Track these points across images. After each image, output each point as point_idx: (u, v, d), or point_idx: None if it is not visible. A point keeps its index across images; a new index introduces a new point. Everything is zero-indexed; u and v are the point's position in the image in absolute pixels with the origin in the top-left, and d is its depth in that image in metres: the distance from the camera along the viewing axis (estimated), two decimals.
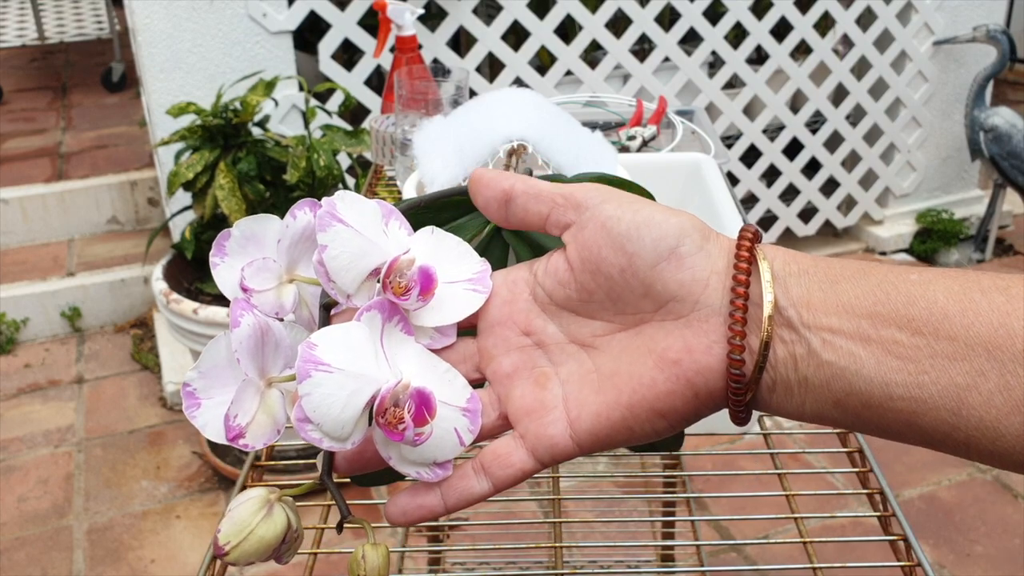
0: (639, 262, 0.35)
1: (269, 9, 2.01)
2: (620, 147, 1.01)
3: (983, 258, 2.77)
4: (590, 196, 0.37)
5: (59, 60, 4.00)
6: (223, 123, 1.76)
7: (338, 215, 0.37)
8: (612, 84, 2.40)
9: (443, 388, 0.37)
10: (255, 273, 0.41)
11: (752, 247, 0.35)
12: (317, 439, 0.35)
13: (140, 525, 1.82)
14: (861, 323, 0.33)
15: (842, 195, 2.77)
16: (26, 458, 2.01)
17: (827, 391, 0.33)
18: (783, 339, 0.34)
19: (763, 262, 0.34)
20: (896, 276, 0.33)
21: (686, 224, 0.36)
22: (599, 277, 0.37)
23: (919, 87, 2.70)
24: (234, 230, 0.42)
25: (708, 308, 0.35)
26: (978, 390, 0.31)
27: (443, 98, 0.92)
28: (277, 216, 0.42)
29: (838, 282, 0.34)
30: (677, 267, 0.35)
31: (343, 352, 0.36)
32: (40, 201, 2.65)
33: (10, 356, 2.37)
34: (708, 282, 0.35)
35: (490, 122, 0.61)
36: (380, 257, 0.38)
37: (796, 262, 0.35)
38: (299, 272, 0.42)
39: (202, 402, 0.38)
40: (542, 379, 0.38)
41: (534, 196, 0.38)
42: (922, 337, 0.32)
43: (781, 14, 2.45)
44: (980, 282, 0.32)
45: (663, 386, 0.35)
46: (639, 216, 0.36)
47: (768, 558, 1.68)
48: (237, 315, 0.38)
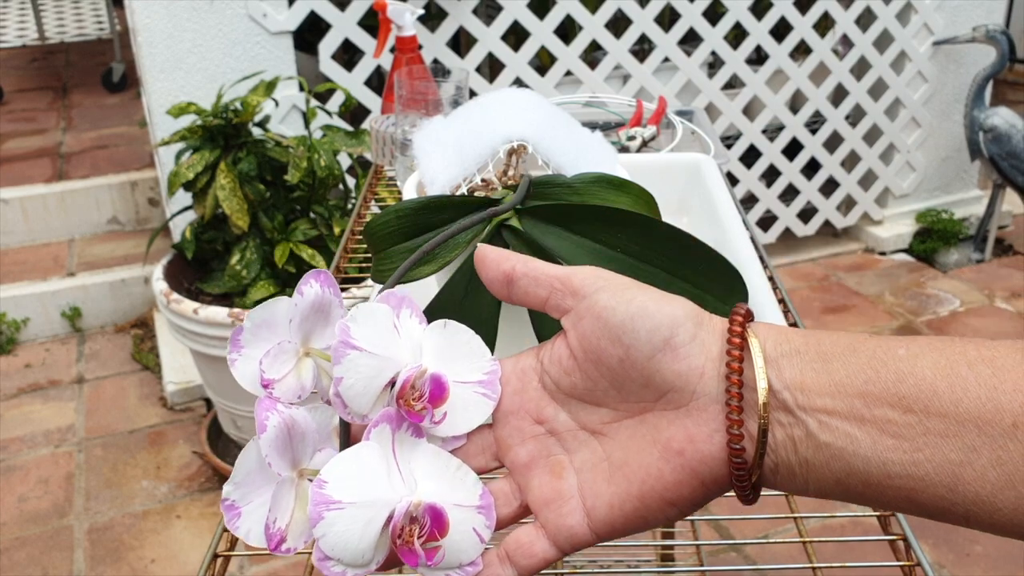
0: (636, 354, 0.36)
1: (269, 9, 2.01)
2: (620, 147, 1.01)
3: (982, 258, 2.77)
4: (586, 283, 0.38)
5: (59, 60, 4.00)
6: (223, 123, 1.76)
7: (352, 342, 0.38)
8: (612, 84, 2.41)
9: (456, 489, 0.38)
10: (273, 361, 0.41)
11: (743, 331, 0.36)
12: (340, 572, 0.36)
13: (140, 525, 1.82)
14: (854, 403, 0.33)
15: (842, 195, 2.78)
16: (26, 458, 2.01)
17: (828, 471, 0.34)
18: (780, 422, 0.34)
19: (755, 346, 0.35)
20: (885, 352, 0.34)
21: (678, 313, 0.36)
22: (601, 367, 0.37)
23: (918, 87, 2.70)
24: (246, 323, 0.42)
25: (706, 396, 0.36)
26: (972, 466, 0.31)
27: (443, 98, 0.92)
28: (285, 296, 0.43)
29: (830, 360, 0.34)
30: (672, 358, 0.36)
31: (354, 483, 0.37)
32: (40, 201, 2.65)
33: (10, 356, 2.37)
34: (704, 370, 0.36)
35: (490, 122, 0.61)
36: (394, 369, 0.39)
37: (788, 341, 0.35)
38: (313, 344, 0.43)
39: (242, 510, 0.39)
40: (557, 468, 0.39)
41: (533, 280, 0.39)
42: (914, 415, 0.32)
43: (781, 14, 2.45)
44: (967, 354, 0.33)
45: (670, 477, 0.36)
46: (632, 307, 0.36)
47: (768, 558, 1.68)
48: (263, 418, 0.38)
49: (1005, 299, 2.56)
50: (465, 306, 0.50)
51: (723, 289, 0.50)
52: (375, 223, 0.52)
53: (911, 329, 2.43)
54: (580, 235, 0.50)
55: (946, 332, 2.41)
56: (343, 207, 1.86)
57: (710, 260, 0.50)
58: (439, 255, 0.52)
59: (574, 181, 0.54)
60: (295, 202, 1.84)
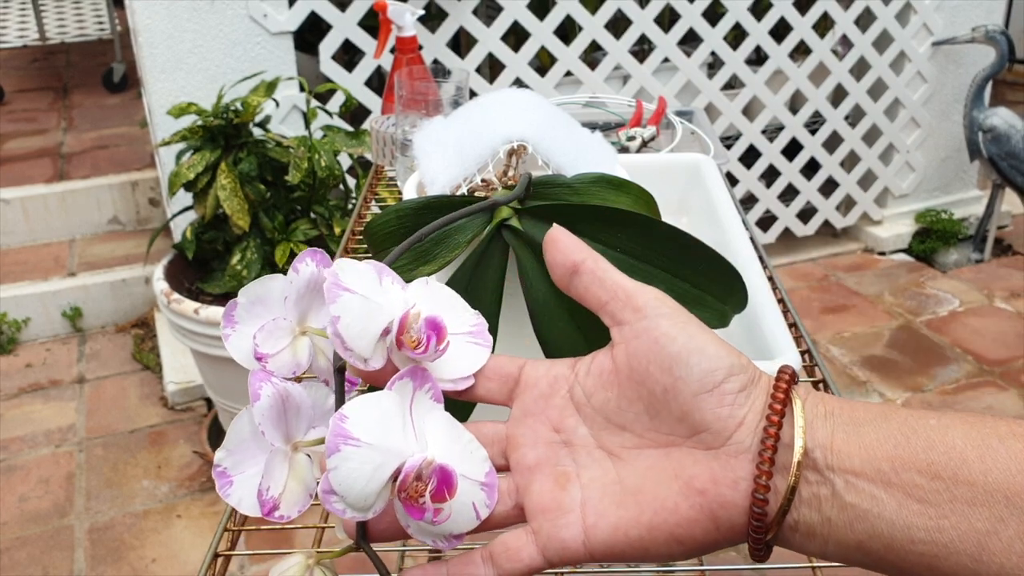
0: (683, 387, 0.36)
1: (270, 10, 2.01)
2: (620, 148, 1.01)
3: (982, 258, 2.77)
4: (650, 304, 0.38)
5: (60, 61, 4.00)
6: (224, 124, 1.76)
7: (343, 284, 0.38)
8: (612, 85, 2.41)
9: (464, 461, 0.38)
10: (267, 336, 0.41)
11: (788, 390, 0.36)
12: (340, 510, 0.36)
13: (141, 524, 1.82)
14: (882, 466, 0.33)
15: (841, 195, 2.78)
16: (27, 458, 2.01)
17: (850, 532, 0.34)
18: (807, 480, 0.34)
19: (798, 408, 0.35)
20: (916, 420, 0.34)
21: (735, 363, 0.36)
22: (641, 390, 0.37)
23: (918, 87, 2.71)
24: (240, 298, 0.42)
25: (739, 445, 0.36)
26: (998, 536, 0.31)
27: (443, 99, 0.92)
28: (280, 273, 0.43)
29: (861, 425, 0.34)
30: (718, 402, 0.36)
31: (373, 425, 0.36)
32: (41, 201, 2.65)
33: (11, 356, 2.38)
34: (744, 420, 0.36)
35: (490, 123, 0.62)
36: (388, 316, 0.38)
37: (823, 403, 0.36)
38: (310, 323, 0.43)
39: (234, 479, 0.39)
40: (563, 479, 0.38)
41: (599, 280, 0.39)
42: (941, 481, 0.32)
43: (780, 15, 2.45)
44: (997, 428, 0.33)
45: (686, 513, 0.36)
46: (692, 342, 0.36)
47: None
48: (256, 388, 0.38)
49: (1004, 299, 2.57)
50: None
51: (723, 289, 0.50)
52: (375, 223, 0.53)
53: (910, 329, 2.44)
54: (580, 235, 0.50)
55: (945, 332, 2.41)
56: (343, 207, 1.87)
57: (710, 260, 0.50)
58: (439, 255, 0.52)
59: (574, 181, 0.54)
60: (296, 202, 1.84)
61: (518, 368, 0.40)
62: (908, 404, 2.13)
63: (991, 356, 2.31)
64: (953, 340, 2.38)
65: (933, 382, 2.21)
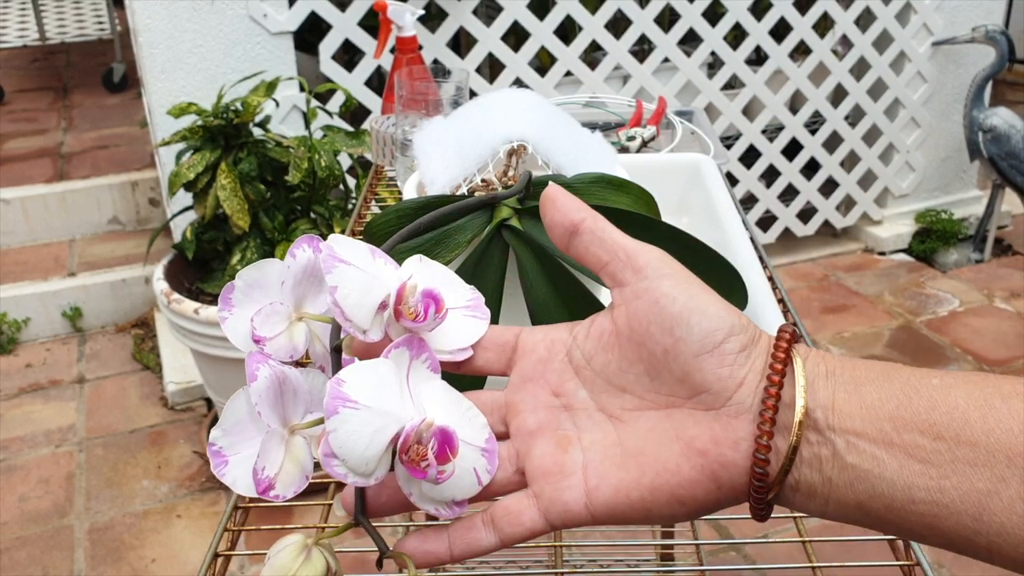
0: (684, 348, 0.36)
1: (270, 10, 2.01)
2: (620, 148, 1.01)
3: (982, 258, 2.77)
4: (651, 264, 0.38)
5: (60, 60, 4.00)
6: (224, 124, 1.76)
7: (339, 256, 0.38)
8: (612, 85, 2.41)
9: (464, 427, 0.38)
10: (264, 320, 0.41)
11: (789, 350, 0.36)
12: (342, 474, 0.36)
13: (141, 524, 1.82)
14: (883, 426, 0.33)
15: (841, 195, 2.78)
16: (27, 458, 2.01)
17: (850, 492, 0.34)
18: (808, 440, 0.34)
19: (799, 367, 0.35)
20: (918, 380, 0.34)
21: (736, 323, 0.36)
22: (642, 351, 0.37)
23: (918, 87, 2.71)
24: (236, 281, 0.42)
25: (739, 405, 0.35)
26: (999, 496, 0.31)
27: (443, 99, 0.92)
28: (277, 259, 0.43)
29: (862, 384, 0.34)
30: (719, 362, 0.36)
31: (370, 389, 0.36)
32: (41, 201, 2.65)
33: (11, 356, 2.38)
34: (744, 380, 0.36)
35: (490, 123, 0.62)
36: (384, 289, 0.38)
37: (824, 362, 0.36)
38: (307, 309, 0.43)
39: (229, 459, 0.38)
40: (564, 442, 0.38)
41: (599, 240, 0.39)
42: (943, 442, 0.32)
43: (780, 15, 2.46)
44: (1001, 388, 0.33)
45: (687, 474, 0.36)
46: (693, 302, 0.36)
47: (767, 557, 1.68)
48: (253, 368, 0.38)
49: (1004, 299, 2.57)
50: None
51: (723, 289, 0.50)
52: (375, 223, 0.53)
53: (910, 329, 2.44)
54: None
55: (945, 332, 2.41)
56: (343, 207, 1.87)
57: (710, 260, 0.50)
58: (439, 255, 0.52)
59: (574, 181, 0.54)
60: (296, 202, 1.84)
61: (515, 336, 0.40)
62: None
63: (991, 356, 2.31)
64: (953, 340, 2.38)
65: None
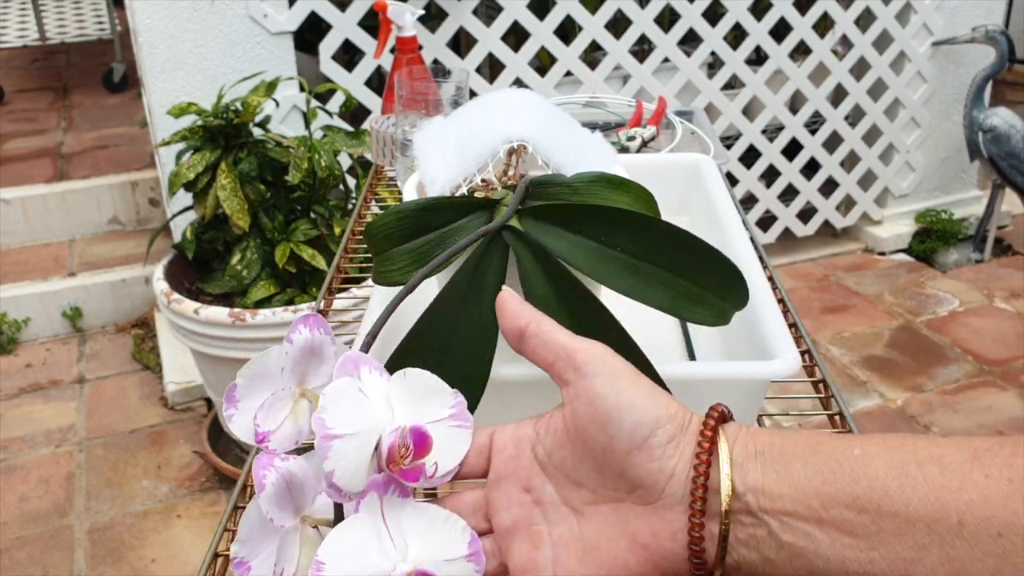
0: (617, 445, 0.38)
1: (270, 10, 2.01)
2: (620, 148, 1.01)
3: (982, 258, 2.77)
4: (588, 362, 0.40)
5: (60, 61, 4.00)
6: (224, 124, 1.76)
7: (332, 433, 0.39)
8: (612, 85, 2.41)
9: (445, 544, 0.40)
10: (267, 413, 0.43)
11: (714, 435, 0.37)
12: None
13: (141, 524, 1.82)
14: (812, 503, 0.35)
15: (841, 195, 2.78)
16: (27, 458, 2.01)
17: (790, 568, 0.35)
18: (743, 523, 0.36)
19: (723, 451, 0.36)
20: (841, 452, 0.35)
21: (662, 413, 0.38)
22: (587, 449, 0.39)
23: (918, 87, 2.71)
24: (238, 379, 0.43)
25: (672, 497, 0.37)
26: (923, 563, 0.33)
27: (443, 99, 0.92)
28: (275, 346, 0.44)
29: (791, 461, 0.36)
30: (647, 457, 0.37)
31: (348, 559, 0.38)
32: (41, 201, 2.65)
33: (11, 356, 2.38)
34: (674, 472, 0.37)
35: (490, 122, 0.62)
36: (376, 435, 0.40)
37: (753, 441, 0.37)
38: (309, 384, 0.44)
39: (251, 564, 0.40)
40: (536, 538, 0.40)
41: (543, 343, 0.41)
42: (868, 515, 0.34)
43: (780, 15, 2.46)
44: (916, 453, 0.34)
45: (635, 568, 0.38)
46: (621, 399, 0.38)
47: None
48: (260, 476, 0.40)
49: (1004, 299, 2.57)
50: (466, 309, 0.50)
51: (723, 286, 0.50)
52: (375, 225, 0.53)
53: (910, 329, 2.44)
54: (579, 234, 0.51)
55: (945, 332, 2.41)
56: (343, 207, 1.87)
57: (710, 258, 0.50)
58: (439, 257, 0.52)
59: (573, 180, 0.54)
60: (296, 202, 1.84)
61: (488, 437, 0.43)
62: (908, 404, 2.13)
63: (991, 356, 2.31)
64: (953, 340, 2.38)
65: (933, 382, 2.21)
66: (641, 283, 0.50)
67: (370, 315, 0.64)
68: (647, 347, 0.50)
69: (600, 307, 0.50)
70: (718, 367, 0.60)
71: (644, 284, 0.50)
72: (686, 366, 0.61)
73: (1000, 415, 2.09)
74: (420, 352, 0.49)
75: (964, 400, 2.14)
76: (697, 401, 0.53)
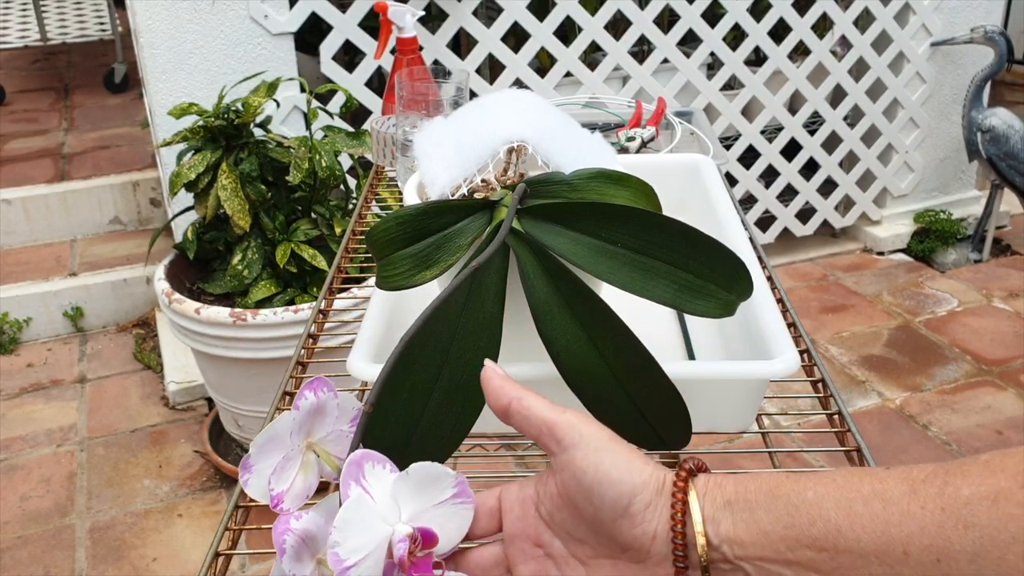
0: (602, 515, 0.42)
1: (270, 11, 2.02)
2: (619, 148, 1.02)
3: (980, 258, 2.78)
4: (568, 435, 0.43)
5: (61, 61, 4.01)
6: (225, 124, 1.76)
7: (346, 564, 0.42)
8: (611, 85, 2.41)
9: None
10: (279, 476, 0.46)
11: (685, 497, 0.41)
12: None
13: (142, 524, 1.83)
14: (779, 547, 0.39)
15: (840, 195, 2.78)
16: (28, 457, 2.02)
17: None
18: (722, 569, 0.40)
19: (695, 509, 0.40)
20: (798, 496, 0.39)
21: (637, 482, 0.41)
22: (580, 514, 0.43)
23: (917, 88, 2.71)
24: (251, 448, 0.47)
25: (658, 555, 0.41)
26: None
27: (443, 99, 0.93)
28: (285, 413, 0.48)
29: (755, 510, 0.40)
30: (630, 524, 0.41)
31: None
32: (42, 201, 2.65)
33: (13, 356, 2.38)
34: (655, 534, 0.41)
35: (490, 123, 0.62)
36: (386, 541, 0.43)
37: (721, 492, 0.41)
38: (315, 436, 0.48)
39: None
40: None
41: (526, 419, 0.44)
42: (826, 552, 0.38)
43: (779, 15, 2.46)
44: (862, 490, 0.38)
45: None
46: (600, 472, 0.41)
47: None
48: (281, 543, 0.43)
49: (1003, 299, 2.57)
50: (468, 310, 0.50)
51: (727, 278, 0.50)
52: (376, 230, 0.53)
53: (909, 329, 2.44)
54: (579, 232, 0.51)
55: (944, 332, 2.42)
56: (344, 207, 1.87)
57: (712, 250, 0.50)
58: (440, 259, 0.53)
59: (572, 178, 0.55)
60: (296, 202, 1.85)
61: (496, 499, 0.46)
62: (906, 403, 2.14)
63: (989, 356, 2.31)
64: (952, 340, 2.38)
65: (932, 382, 2.22)
66: (643, 278, 0.50)
67: (370, 315, 0.64)
68: (647, 347, 0.50)
69: (602, 305, 0.50)
70: (718, 367, 0.60)
71: (646, 279, 0.50)
72: (686, 366, 0.61)
73: (998, 415, 2.09)
74: (422, 357, 0.49)
75: (962, 400, 2.15)
76: (697, 400, 0.53)
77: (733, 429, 0.61)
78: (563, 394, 0.49)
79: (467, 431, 0.50)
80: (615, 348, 0.50)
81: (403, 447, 0.49)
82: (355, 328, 0.79)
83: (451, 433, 0.50)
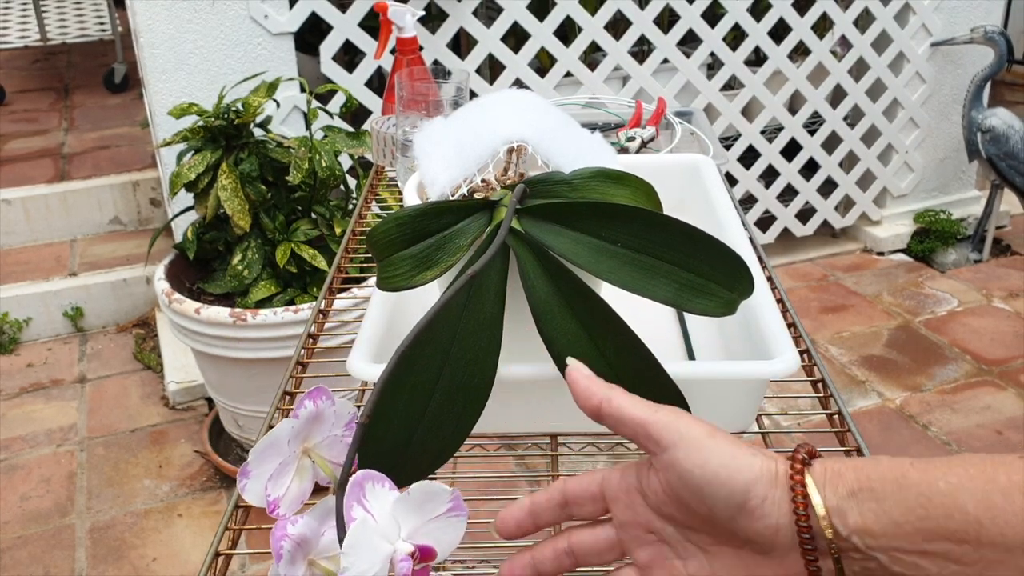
0: (718, 513, 0.41)
1: (270, 11, 2.02)
2: (619, 148, 1.02)
3: (980, 258, 2.78)
4: (665, 434, 0.42)
5: (61, 61, 4.01)
6: (225, 124, 1.76)
7: None
8: (611, 85, 2.41)
9: None
10: (276, 481, 0.47)
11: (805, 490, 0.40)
12: None
13: (142, 524, 1.83)
14: (915, 539, 0.38)
15: (840, 195, 2.78)
16: (28, 457, 2.02)
17: None
18: (854, 558, 0.39)
19: (818, 504, 0.39)
20: (928, 487, 0.38)
21: (749, 477, 0.40)
22: (692, 511, 0.42)
23: (917, 88, 2.71)
24: (250, 455, 0.47)
25: (784, 546, 0.40)
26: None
27: (443, 99, 0.93)
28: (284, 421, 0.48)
29: (883, 500, 0.39)
30: (749, 519, 0.40)
31: None
32: (43, 201, 2.65)
33: (13, 356, 2.38)
34: (778, 526, 0.40)
35: (490, 123, 0.62)
36: (386, 552, 0.44)
37: (842, 481, 0.40)
38: (311, 441, 0.49)
39: None
40: (674, 572, 0.44)
41: (619, 420, 0.44)
42: (968, 545, 0.37)
43: (779, 15, 2.46)
44: (997, 480, 0.37)
45: None
46: (707, 472, 0.41)
47: None
48: (278, 548, 0.44)
49: (1003, 299, 2.57)
50: (468, 310, 0.50)
51: (728, 277, 0.50)
52: (376, 232, 0.53)
53: (909, 329, 2.44)
54: (580, 231, 0.51)
55: (944, 332, 2.42)
56: (344, 207, 1.87)
57: (713, 249, 0.50)
58: (440, 260, 0.53)
59: (572, 177, 0.55)
60: (296, 202, 1.85)
61: (598, 486, 0.45)
62: (906, 404, 2.14)
63: (989, 356, 2.31)
64: (952, 340, 2.38)
65: (932, 382, 2.22)
66: (644, 277, 0.50)
67: (370, 315, 0.64)
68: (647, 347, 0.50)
69: (603, 305, 0.50)
70: (718, 367, 0.60)
71: (647, 278, 0.50)
72: (686, 366, 0.61)
73: (998, 415, 2.09)
74: (422, 357, 0.49)
75: (962, 400, 2.15)
76: (697, 400, 0.53)
77: (733, 429, 0.61)
78: (563, 394, 0.49)
79: (468, 431, 0.50)
80: (616, 348, 0.50)
81: (404, 448, 0.49)
82: (355, 328, 0.79)
83: (452, 433, 0.50)
